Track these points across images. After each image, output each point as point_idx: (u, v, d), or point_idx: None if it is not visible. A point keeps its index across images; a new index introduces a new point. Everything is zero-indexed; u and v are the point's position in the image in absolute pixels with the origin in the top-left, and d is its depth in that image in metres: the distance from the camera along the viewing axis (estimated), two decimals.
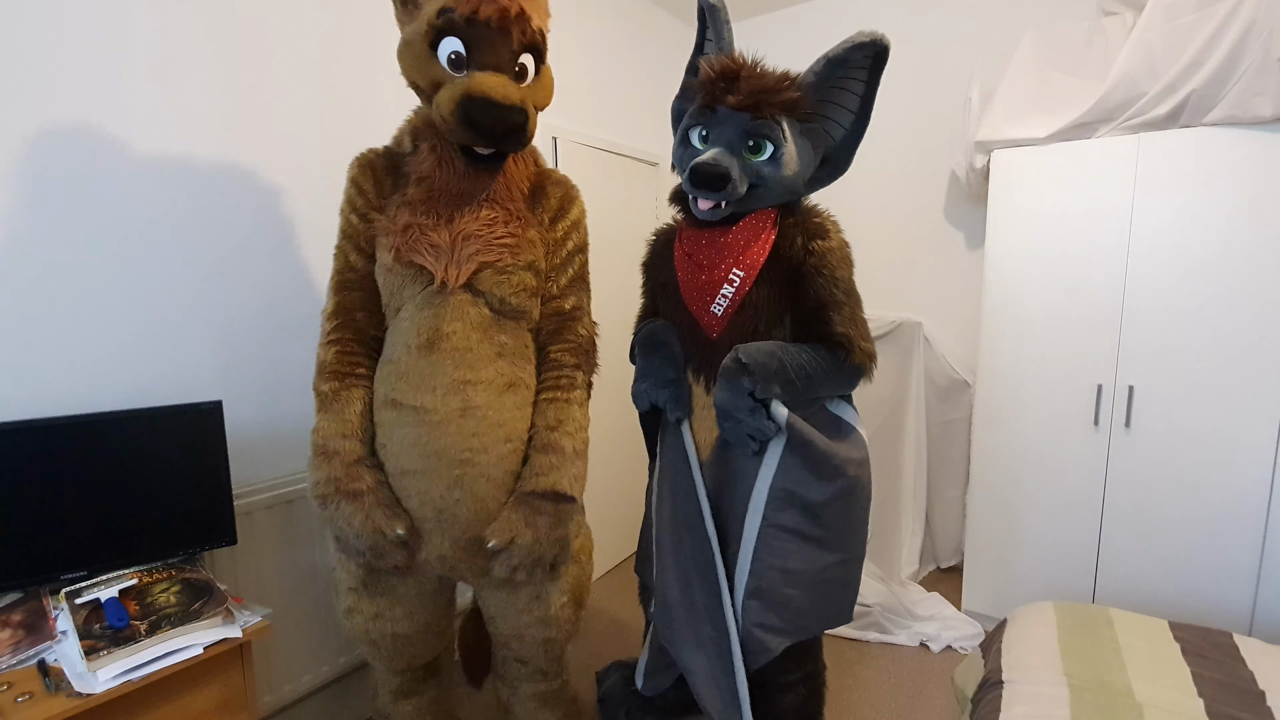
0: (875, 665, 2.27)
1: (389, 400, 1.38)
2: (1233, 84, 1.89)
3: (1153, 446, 2.10)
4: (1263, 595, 1.98)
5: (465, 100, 1.24)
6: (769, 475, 1.43)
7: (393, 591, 1.48)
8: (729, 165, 1.33)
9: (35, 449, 1.29)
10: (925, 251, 2.96)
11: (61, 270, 1.45)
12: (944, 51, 2.81)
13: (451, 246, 1.35)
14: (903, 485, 2.81)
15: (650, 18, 3.08)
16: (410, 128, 1.45)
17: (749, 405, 1.36)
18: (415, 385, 1.35)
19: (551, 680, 1.69)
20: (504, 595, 1.50)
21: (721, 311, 1.44)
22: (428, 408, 1.34)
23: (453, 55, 1.28)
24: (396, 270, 1.37)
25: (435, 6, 1.27)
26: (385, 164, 1.44)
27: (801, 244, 1.40)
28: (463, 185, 1.38)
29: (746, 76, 1.34)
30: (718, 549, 1.45)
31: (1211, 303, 1.98)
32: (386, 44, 1.97)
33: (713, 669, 1.45)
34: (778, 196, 1.43)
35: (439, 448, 1.34)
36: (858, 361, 1.40)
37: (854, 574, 1.54)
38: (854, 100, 1.40)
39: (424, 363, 1.35)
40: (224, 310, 1.72)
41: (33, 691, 1.13)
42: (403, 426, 1.36)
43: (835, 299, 1.39)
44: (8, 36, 1.35)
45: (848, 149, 1.45)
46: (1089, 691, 1.42)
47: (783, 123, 1.34)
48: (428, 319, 1.36)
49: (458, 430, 1.35)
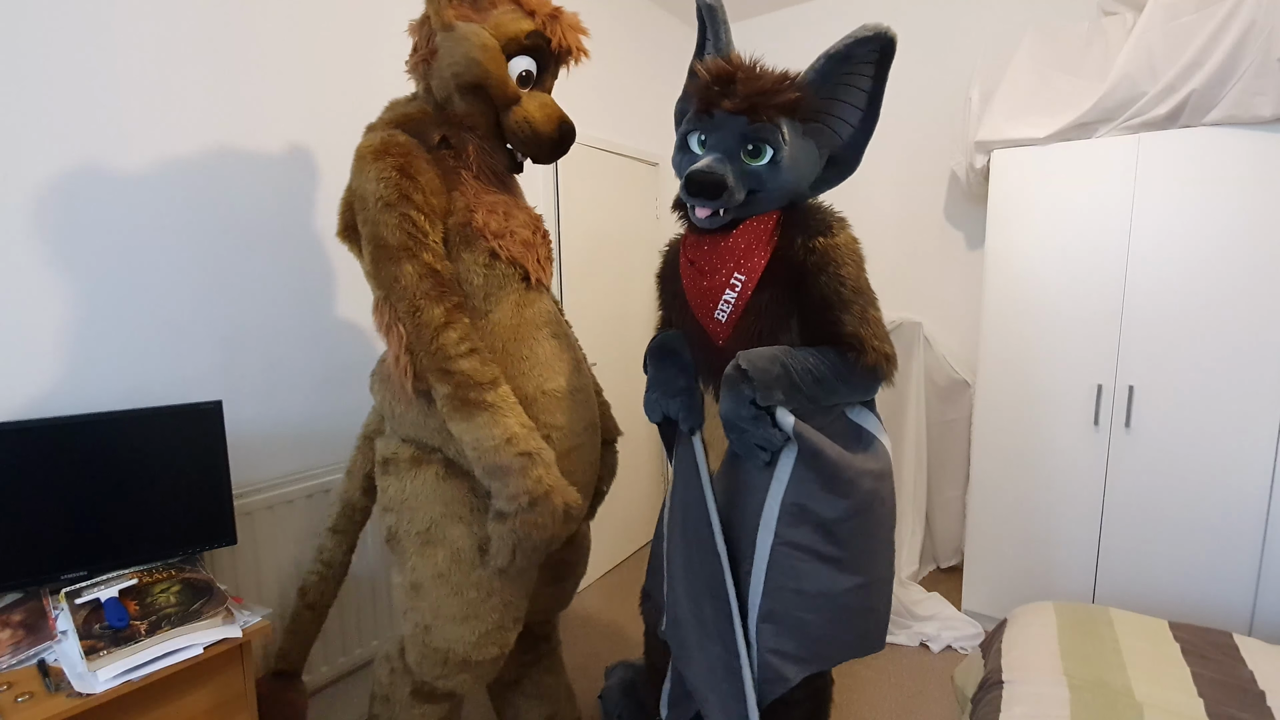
0: (875, 665, 2.27)
1: (545, 391, 1.43)
2: (1233, 84, 1.89)
3: (1153, 446, 2.10)
4: (1263, 595, 1.98)
5: (562, 123, 1.43)
6: (780, 489, 1.34)
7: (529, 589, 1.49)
8: (724, 172, 1.28)
9: (35, 449, 1.29)
10: (925, 251, 2.96)
11: (62, 271, 1.45)
12: (944, 51, 2.81)
13: (532, 244, 1.46)
14: (903, 485, 2.81)
15: (650, 18, 3.08)
16: (433, 121, 1.40)
17: (752, 414, 1.29)
18: (559, 371, 1.47)
19: (554, 651, 1.81)
20: (567, 546, 1.63)
21: (725, 318, 1.37)
22: (577, 387, 1.50)
23: (524, 73, 1.41)
24: (498, 269, 1.40)
25: (524, 26, 1.36)
26: (427, 159, 1.36)
27: (802, 243, 1.32)
28: (507, 185, 1.50)
29: (743, 79, 1.28)
30: (728, 566, 1.36)
31: (1211, 303, 1.98)
32: (388, 45, 1.98)
33: (722, 692, 1.36)
34: (779, 201, 1.37)
35: (590, 419, 1.52)
36: (871, 363, 1.29)
37: (881, 599, 1.41)
38: (861, 97, 1.32)
39: (560, 350, 1.49)
40: (224, 310, 1.72)
41: (33, 691, 1.13)
42: (563, 411, 1.45)
43: (842, 297, 1.30)
44: (8, 37, 1.35)
45: (857, 148, 1.38)
46: (1089, 691, 1.42)
47: (782, 125, 1.28)
48: (540, 312, 1.47)
49: (592, 403, 1.55)
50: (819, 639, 1.34)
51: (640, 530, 3.18)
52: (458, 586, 1.36)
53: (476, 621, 1.37)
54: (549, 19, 1.39)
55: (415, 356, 1.29)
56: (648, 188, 3.10)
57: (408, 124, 1.39)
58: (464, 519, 1.37)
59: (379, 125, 1.41)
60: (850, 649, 1.39)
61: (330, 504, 1.68)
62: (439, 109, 1.41)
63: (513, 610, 1.43)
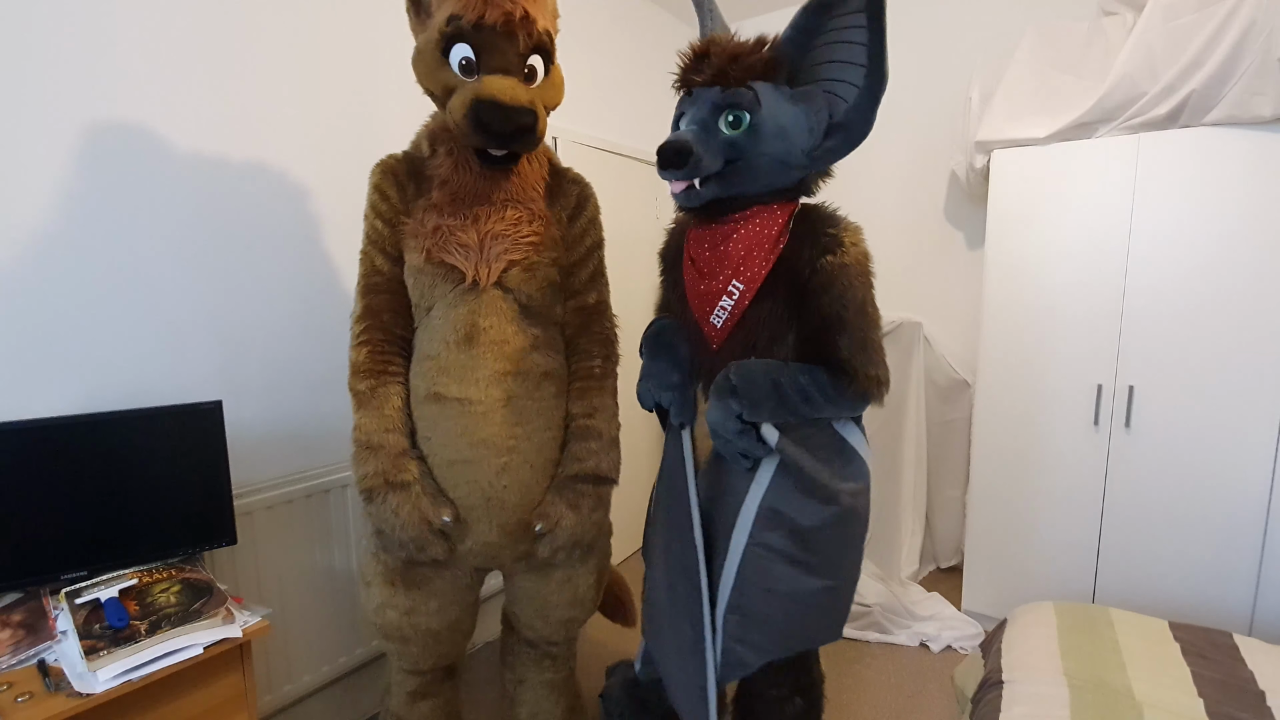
0: (875, 665, 2.27)
1: (431, 394, 1.42)
2: (1232, 84, 1.89)
3: (1153, 446, 2.10)
4: (1263, 595, 1.98)
5: (475, 104, 1.27)
6: (759, 493, 1.37)
7: (428, 585, 1.50)
8: (689, 139, 1.24)
9: (35, 449, 1.29)
10: (925, 251, 2.96)
11: (62, 271, 1.45)
12: (944, 51, 2.81)
13: (480, 246, 1.40)
14: (903, 485, 2.81)
15: (650, 18, 3.08)
16: (428, 132, 1.48)
17: (738, 427, 1.31)
18: (458, 378, 1.40)
19: (560, 668, 1.75)
20: (537, 579, 1.58)
21: (721, 323, 1.37)
22: (472, 399, 1.40)
23: (463, 61, 1.33)
24: (427, 270, 1.41)
25: (444, 15, 1.31)
26: (406, 169, 1.47)
27: (809, 258, 1.28)
28: (481, 186, 1.43)
29: (715, 51, 1.27)
30: (703, 556, 1.41)
31: (1211, 302, 1.98)
32: (389, 46, 1.98)
33: (687, 671, 1.43)
34: (768, 172, 1.30)
35: (485, 436, 1.41)
36: (862, 389, 1.30)
37: (843, 599, 1.47)
38: (859, 52, 1.21)
39: (465, 356, 1.41)
40: (224, 310, 1.72)
41: (33, 691, 1.13)
42: (448, 419, 1.41)
43: (843, 320, 1.27)
44: (9, 38, 1.35)
45: (861, 109, 1.25)
46: (1089, 691, 1.42)
47: (757, 89, 1.24)
48: (464, 315, 1.41)
49: (502, 419, 1.42)
50: (781, 633, 1.40)
51: (641, 531, 3.17)
52: (366, 551, 1.54)
53: (375, 590, 1.50)
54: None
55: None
56: (648, 188, 3.10)
57: (416, 139, 1.51)
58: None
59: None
60: (809, 641, 1.47)
61: None
62: (436, 117, 1.49)
63: (404, 597, 1.48)
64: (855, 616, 2.46)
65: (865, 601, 2.45)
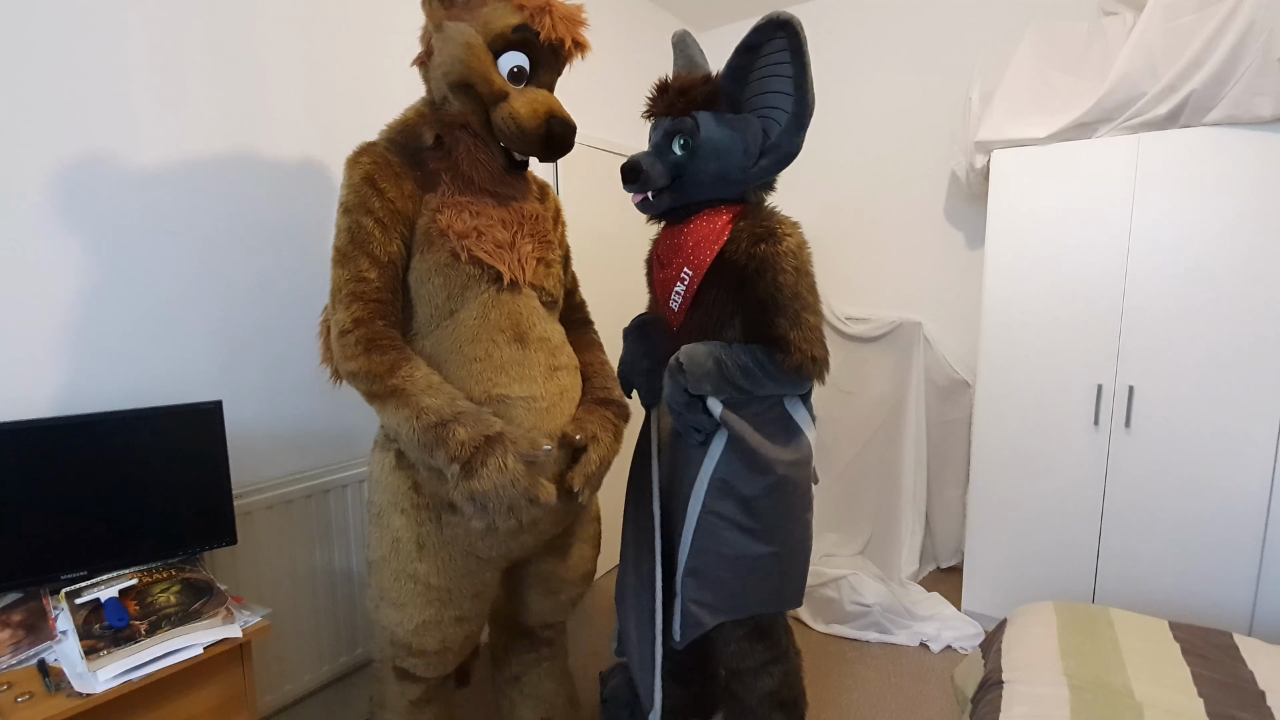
0: (875, 665, 2.27)
1: (491, 396, 1.36)
2: (1232, 84, 1.89)
3: (1153, 446, 2.10)
4: (1263, 595, 1.98)
5: (550, 119, 1.36)
6: (711, 465, 1.52)
7: (474, 578, 1.45)
8: (640, 161, 1.51)
9: (35, 449, 1.29)
10: (925, 251, 2.96)
11: (61, 271, 1.45)
12: (944, 51, 2.81)
13: (512, 244, 1.42)
14: (903, 485, 2.81)
15: (650, 18, 3.08)
16: (428, 121, 1.41)
17: (685, 400, 1.48)
18: (517, 377, 1.39)
19: (557, 654, 1.78)
20: (554, 559, 1.61)
21: (678, 306, 1.54)
22: (536, 396, 1.41)
23: (515, 69, 1.37)
24: (460, 269, 1.35)
25: (510, 21, 1.32)
26: (402, 161, 1.37)
27: (745, 248, 1.44)
28: (500, 185, 1.45)
29: (670, 87, 1.52)
30: (659, 527, 1.56)
31: (1211, 302, 1.98)
32: (389, 45, 1.98)
33: (642, 633, 1.55)
34: (711, 187, 1.52)
35: (550, 430, 1.42)
36: (796, 363, 1.42)
37: (794, 565, 1.60)
38: (787, 83, 1.40)
39: (520, 355, 1.41)
40: (224, 310, 1.72)
41: (33, 691, 1.13)
42: (516, 420, 1.38)
43: (777, 302, 1.42)
44: (12, 38, 1.35)
45: (790, 132, 1.44)
46: (1089, 691, 1.42)
47: (698, 117, 1.47)
48: (507, 315, 1.40)
49: (561, 413, 1.45)
50: (733, 593, 1.55)
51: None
52: (396, 574, 1.40)
53: (412, 610, 1.40)
54: (538, 11, 1.33)
55: (331, 353, 1.37)
56: None
57: (404, 128, 1.43)
58: (405, 511, 1.39)
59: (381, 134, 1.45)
60: (764, 604, 1.58)
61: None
62: (435, 109, 1.43)
63: (453, 608, 1.42)
64: (855, 616, 2.46)
65: (865, 601, 2.45)
